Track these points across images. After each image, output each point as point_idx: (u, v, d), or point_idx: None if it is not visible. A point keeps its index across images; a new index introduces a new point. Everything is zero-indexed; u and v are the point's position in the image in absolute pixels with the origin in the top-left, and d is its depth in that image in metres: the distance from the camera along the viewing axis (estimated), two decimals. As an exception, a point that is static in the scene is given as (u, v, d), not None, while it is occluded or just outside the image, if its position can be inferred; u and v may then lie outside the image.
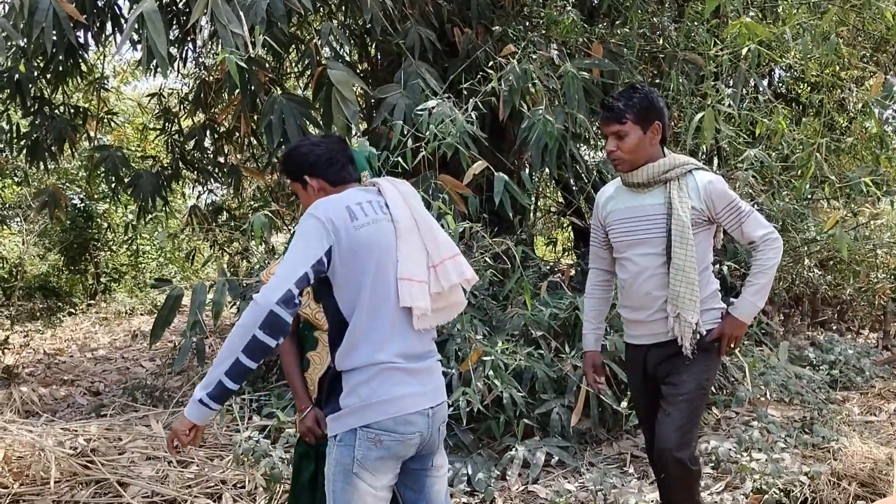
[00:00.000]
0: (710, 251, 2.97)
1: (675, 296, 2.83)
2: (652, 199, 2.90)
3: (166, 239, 8.72)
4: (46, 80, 5.97)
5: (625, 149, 2.88)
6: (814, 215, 6.29)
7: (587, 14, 5.91)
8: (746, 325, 2.93)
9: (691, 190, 2.86)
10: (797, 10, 4.90)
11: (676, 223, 2.81)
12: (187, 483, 3.90)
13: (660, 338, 2.94)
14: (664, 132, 2.93)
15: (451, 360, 4.41)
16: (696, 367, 2.90)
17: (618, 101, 2.90)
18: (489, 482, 3.98)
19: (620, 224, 2.97)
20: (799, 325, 7.81)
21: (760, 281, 2.87)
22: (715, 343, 2.93)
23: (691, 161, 2.93)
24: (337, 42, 5.47)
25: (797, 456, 4.33)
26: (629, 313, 3.03)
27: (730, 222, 2.88)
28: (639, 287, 2.93)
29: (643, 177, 2.89)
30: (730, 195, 2.88)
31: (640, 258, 2.92)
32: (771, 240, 2.87)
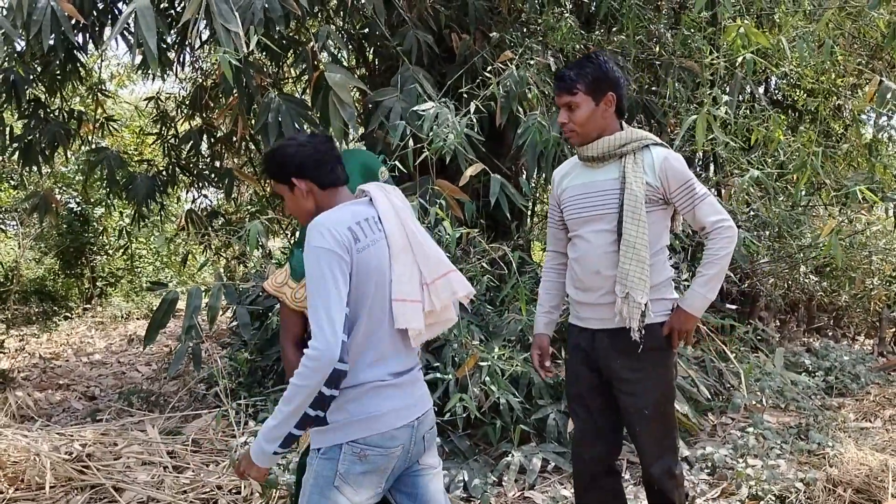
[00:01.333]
0: (665, 234, 2.82)
1: (625, 274, 2.67)
2: (606, 174, 2.78)
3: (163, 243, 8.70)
4: (43, 84, 5.97)
5: (576, 121, 2.76)
6: (810, 222, 6.31)
7: (584, 21, 5.93)
8: (697, 319, 2.77)
9: (647, 165, 2.73)
10: (793, 17, 4.91)
11: (629, 197, 2.67)
12: (183, 489, 3.89)
13: (607, 323, 2.78)
14: (620, 104, 2.79)
15: (448, 366, 4.41)
16: (654, 372, 2.78)
17: (569, 70, 2.77)
18: (485, 488, 3.98)
19: (574, 200, 2.85)
20: (795, 332, 7.83)
21: (710, 271, 2.72)
22: (667, 338, 2.78)
23: (649, 136, 2.79)
24: (335, 46, 5.48)
25: (793, 462, 4.34)
26: (577, 294, 2.88)
27: (683, 203, 2.74)
28: (588, 265, 2.79)
29: (598, 150, 2.76)
30: (686, 174, 2.74)
31: (591, 235, 2.78)
32: (723, 227, 2.71)
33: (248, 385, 5.21)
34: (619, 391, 2.83)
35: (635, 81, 5.59)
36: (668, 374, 2.84)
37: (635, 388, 2.78)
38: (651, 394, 2.78)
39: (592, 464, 2.98)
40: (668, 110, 5.41)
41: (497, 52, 5.09)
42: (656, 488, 2.86)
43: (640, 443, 2.84)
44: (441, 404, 4.27)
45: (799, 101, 7.19)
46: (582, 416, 2.98)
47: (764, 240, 6.13)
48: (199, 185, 7.40)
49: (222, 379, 4.70)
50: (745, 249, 5.58)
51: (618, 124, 2.81)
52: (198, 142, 6.69)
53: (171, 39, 5.97)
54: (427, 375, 4.32)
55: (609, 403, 2.91)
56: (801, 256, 6.54)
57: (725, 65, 4.97)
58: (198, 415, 5.01)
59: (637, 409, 2.79)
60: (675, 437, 2.90)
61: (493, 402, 4.28)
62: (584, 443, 2.99)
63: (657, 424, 2.80)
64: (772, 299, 6.99)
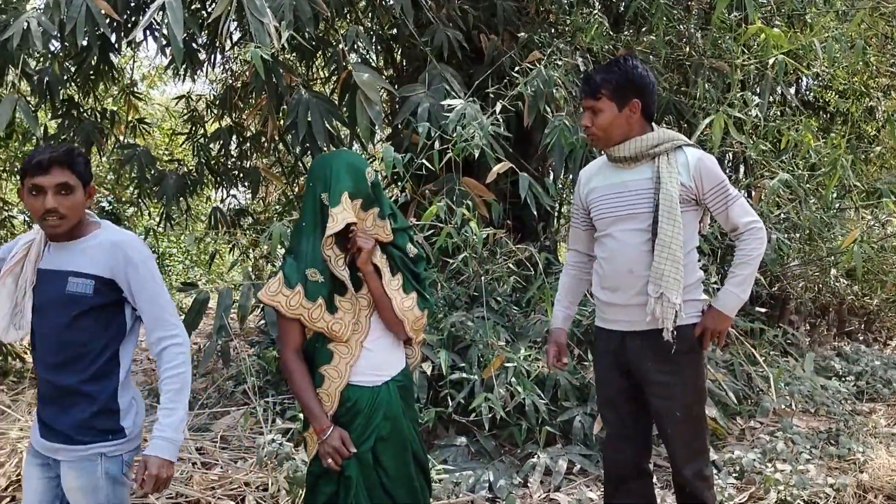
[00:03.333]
0: (695, 235, 2.80)
1: (659, 274, 2.64)
2: (638, 174, 2.75)
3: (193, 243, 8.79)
4: (76, 84, 6.06)
5: (598, 125, 2.75)
6: (841, 225, 6.22)
7: (613, 21, 5.90)
8: (731, 319, 2.76)
9: (681, 166, 2.71)
10: (825, 17, 4.86)
11: (665, 198, 2.65)
12: (211, 485, 3.93)
13: (637, 325, 2.75)
14: (647, 109, 2.76)
15: (474, 366, 4.41)
16: (685, 373, 2.76)
17: (596, 73, 2.76)
18: (511, 489, 3.98)
19: (603, 200, 2.81)
20: (825, 336, 7.74)
21: (744, 272, 2.71)
22: (699, 339, 2.76)
23: (681, 137, 2.77)
24: (363, 47, 5.51)
25: (822, 467, 4.29)
26: (606, 295, 2.84)
27: (716, 204, 2.72)
28: (620, 265, 2.76)
29: (630, 151, 2.74)
30: (720, 175, 2.72)
31: (622, 234, 2.75)
32: (756, 229, 2.71)
33: (275, 383, 5.24)
34: (650, 394, 2.81)
35: (665, 81, 5.56)
36: (700, 376, 2.82)
37: (667, 390, 2.76)
38: (683, 396, 2.77)
39: (622, 466, 2.97)
40: (697, 111, 5.37)
41: (525, 52, 5.09)
42: (687, 490, 2.84)
43: (672, 445, 2.83)
44: (466, 404, 4.27)
45: (831, 102, 7.10)
46: (612, 421, 2.98)
47: (794, 242, 6.06)
48: (227, 185, 7.47)
49: (250, 377, 4.73)
50: (775, 252, 5.52)
51: (647, 127, 2.79)
52: (227, 141, 6.76)
53: (202, 40, 6.03)
54: (453, 375, 4.33)
55: (639, 407, 2.90)
56: (832, 260, 6.46)
57: (756, 66, 4.93)
58: (226, 412, 5.05)
59: (669, 411, 2.78)
60: (705, 439, 2.89)
61: (519, 403, 4.27)
62: (614, 446, 2.99)
63: (688, 426, 2.78)
64: (802, 303, 6.91)
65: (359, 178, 2.39)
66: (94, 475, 2.28)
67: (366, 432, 2.40)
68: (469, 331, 4.57)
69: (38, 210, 2.21)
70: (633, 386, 2.87)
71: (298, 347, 2.42)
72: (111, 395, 2.31)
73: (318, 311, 2.35)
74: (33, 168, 2.20)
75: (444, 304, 4.83)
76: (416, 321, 2.46)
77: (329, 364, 2.39)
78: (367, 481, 2.38)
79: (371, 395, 2.42)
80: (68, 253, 2.29)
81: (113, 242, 2.31)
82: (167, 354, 2.34)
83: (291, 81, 4.70)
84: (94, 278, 2.26)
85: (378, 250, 2.44)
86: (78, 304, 2.24)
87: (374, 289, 2.42)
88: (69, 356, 2.25)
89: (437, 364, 4.28)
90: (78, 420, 2.26)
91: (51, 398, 2.29)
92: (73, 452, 2.27)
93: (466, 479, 4.02)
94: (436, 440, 4.48)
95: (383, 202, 2.46)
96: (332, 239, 2.34)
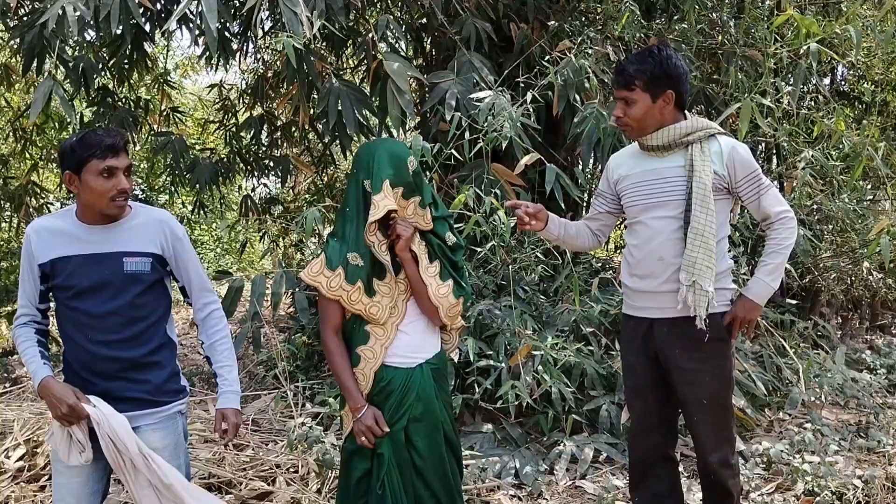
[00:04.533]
0: (726, 224, 2.80)
1: (692, 262, 2.64)
2: (670, 162, 2.76)
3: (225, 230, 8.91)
4: (111, 73, 6.15)
5: (631, 116, 2.76)
6: (874, 216, 6.14)
7: (644, 9, 5.86)
8: (761, 307, 2.76)
9: (714, 154, 2.71)
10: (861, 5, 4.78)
11: (698, 185, 2.65)
12: (242, 466, 4.01)
13: (667, 312, 2.76)
14: (681, 99, 2.77)
15: (501, 354, 4.44)
16: (713, 362, 2.76)
17: (630, 64, 2.75)
18: (537, 476, 4.00)
19: (636, 188, 2.82)
20: (857, 329, 7.65)
21: (775, 261, 2.72)
22: (727, 328, 2.77)
23: (714, 125, 2.77)
24: (393, 36, 5.53)
25: (851, 459, 4.26)
26: (635, 282, 2.85)
27: (748, 193, 2.73)
28: (651, 252, 2.77)
29: (663, 139, 2.75)
30: (752, 164, 2.74)
31: (654, 222, 2.76)
32: (787, 218, 2.73)
33: (305, 368, 5.32)
34: (677, 381, 2.82)
35: (697, 69, 5.52)
36: (728, 365, 2.83)
37: (695, 377, 2.77)
38: (710, 384, 2.77)
39: (649, 453, 3.00)
40: (729, 100, 5.33)
41: (555, 41, 5.08)
42: (713, 478, 2.85)
43: (698, 432, 2.84)
44: (493, 391, 4.30)
45: (866, 93, 7.00)
46: (638, 409, 3.00)
47: (826, 234, 6.00)
48: (258, 174, 7.55)
49: (281, 361, 4.80)
50: (807, 244, 5.47)
51: (680, 116, 2.79)
52: (258, 130, 6.83)
53: (234, 29, 6.09)
54: (480, 362, 4.36)
55: (666, 395, 2.91)
56: (864, 252, 6.38)
57: (789, 55, 4.87)
58: (257, 396, 5.14)
59: (696, 399, 2.79)
60: (732, 427, 2.90)
61: (546, 391, 4.29)
62: (641, 434, 3.01)
63: (715, 415, 2.79)
64: (833, 295, 6.83)
65: (400, 166, 2.45)
66: (177, 431, 2.50)
67: (399, 412, 2.47)
68: (496, 319, 4.59)
69: (108, 191, 2.31)
70: (661, 374, 2.88)
71: (338, 327, 2.51)
72: (173, 359, 2.51)
73: (356, 294, 2.43)
74: (106, 150, 2.30)
75: (472, 293, 4.86)
76: (450, 308, 2.52)
77: (366, 345, 2.48)
78: (399, 460, 2.45)
79: (405, 376, 2.49)
80: (114, 234, 2.39)
81: (157, 219, 2.46)
82: (213, 318, 2.57)
83: (323, 70, 4.74)
84: (150, 255, 2.40)
85: (417, 237, 2.50)
86: (139, 281, 2.38)
87: (412, 275, 2.49)
88: (135, 331, 2.39)
89: (465, 351, 4.32)
90: (154, 385, 2.43)
91: (112, 374, 2.38)
92: (157, 415, 2.45)
93: (493, 466, 4.06)
94: (463, 427, 4.52)
95: (424, 191, 2.52)
96: (375, 225, 2.41)
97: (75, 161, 2.31)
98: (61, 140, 7.82)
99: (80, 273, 2.35)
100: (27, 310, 2.45)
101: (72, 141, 2.34)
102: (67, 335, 2.41)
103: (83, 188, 2.32)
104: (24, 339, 2.44)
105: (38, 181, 7.57)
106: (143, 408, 2.43)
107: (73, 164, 2.32)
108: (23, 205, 7.13)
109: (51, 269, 2.36)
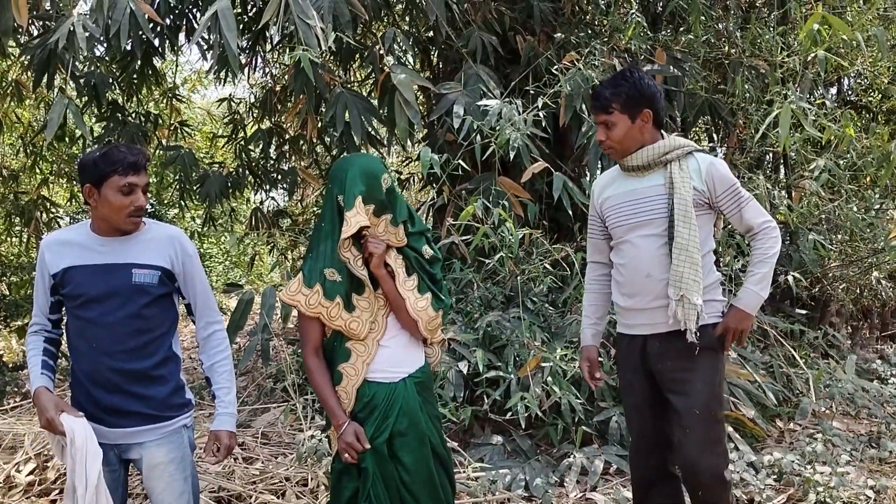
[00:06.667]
0: (710, 238, 2.85)
1: (679, 277, 2.70)
2: (651, 181, 2.82)
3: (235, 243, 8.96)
4: (121, 87, 6.20)
5: (613, 138, 2.83)
6: (883, 226, 6.12)
7: (650, 21, 5.89)
8: (752, 317, 2.81)
9: (692, 171, 2.78)
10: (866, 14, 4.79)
11: (679, 202, 2.72)
12: (252, 479, 4.01)
13: (659, 328, 2.80)
14: (657, 117, 2.84)
15: (510, 366, 4.43)
16: (704, 372, 2.78)
17: (605, 89, 2.83)
18: (547, 488, 3.99)
19: (619, 209, 2.88)
20: (867, 339, 7.61)
21: (762, 270, 2.75)
22: (720, 339, 2.79)
23: (691, 143, 2.85)
24: (400, 49, 5.56)
25: (863, 470, 4.24)
26: (625, 301, 2.89)
27: (729, 207, 2.79)
28: (638, 270, 2.81)
29: (642, 159, 2.81)
30: (730, 178, 2.80)
31: (639, 240, 2.81)
32: (770, 228, 2.77)
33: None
34: (668, 391, 2.84)
35: (703, 80, 5.53)
36: (718, 376, 2.84)
37: (685, 387, 2.78)
38: (701, 394, 2.78)
39: (651, 471, 3.00)
40: (735, 109, 5.34)
41: (561, 53, 5.10)
42: (701, 494, 2.80)
43: (689, 444, 2.79)
44: (502, 403, 4.30)
45: (873, 102, 7.00)
46: (638, 427, 3.02)
47: (835, 244, 5.98)
48: (266, 187, 7.58)
49: (290, 374, 4.81)
50: (815, 253, 5.46)
51: (658, 135, 2.86)
52: (267, 143, 6.87)
53: (243, 44, 6.14)
54: (489, 373, 4.36)
55: (663, 411, 2.91)
56: (874, 261, 6.36)
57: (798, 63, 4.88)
58: (266, 409, 5.14)
59: (687, 408, 2.79)
60: (724, 442, 2.88)
61: (555, 403, 4.29)
62: (642, 452, 3.02)
63: (707, 425, 2.78)
64: (843, 305, 6.80)
65: (373, 183, 2.44)
66: (183, 445, 2.49)
67: (381, 426, 2.45)
68: (505, 330, 4.59)
69: (126, 207, 2.35)
70: (657, 390, 2.89)
71: (318, 346, 2.51)
72: (178, 373, 2.52)
73: (336, 310, 2.43)
74: (128, 168, 2.34)
75: (480, 304, 4.86)
76: (430, 321, 2.52)
77: (347, 362, 2.47)
78: (384, 473, 2.44)
79: (388, 390, 2.48)
80: (126, 247, 2.42)
81: (169, 235, 2.49)
82: (216, 338, 2.57)
83: (331, 82, 4.76)
84: (158, 269, 2.42)
85: (394, 252, 2.50)
86: (146, 293, 2.40)
87: (388, 290, 2.49)
88: (140, 342, 2.40)
89: (474, 363, 4.32)
90: (158, 400, 2.44)
91: (116, 386, 2.39)
92: (162, 429, 2.45)
93: (503, 478, 4.05)
94: (472, 439, 4.52)
95: (397, 208, 2.50)
96: (349, 241, 2.40)
97: (97, 175, 2.34)
98: (72, 155, 7.91)
99: (88, 282, 2.38)
100: (38, 318, 2.50)
101: (95, 155, 2.37)
102: (74, 346, 2.44)
103: (101, 202, 2.35)
104: (31, 346, 2.48)
105: (49, 195, 7.62)
106: (148, 423, 2.43)
107: (93, 178, 2.35)
108: (32, 219, 7.19)
109: (61, 279, 2.40)
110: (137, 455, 2.45)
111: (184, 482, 2.46)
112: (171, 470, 2.44)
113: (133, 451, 2.45)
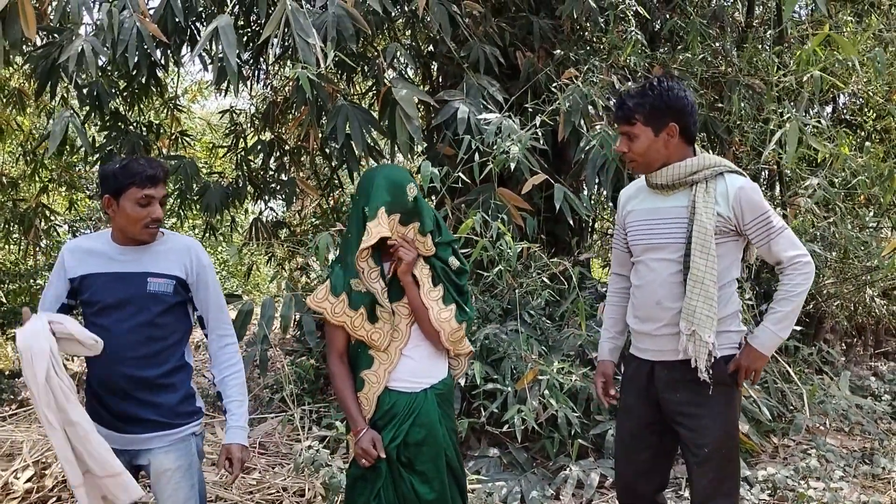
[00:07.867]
0: (735, 266, 2.66)
1: (691, 311, 2.53)
2: (674, 201, 2.64)
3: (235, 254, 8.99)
4: (124, 98, 6.23)
5: (635, 150, 2.65)
6: (877, 244, 6.17)
7: (649, 39, 5.96)
8: (767, 358, 2.61)
9: (719, 195, 2.57)
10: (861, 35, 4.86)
11: (698, 230, 2.53)
12: (249, 489, 4.03)
13: (667, 356, 2.65)
14: (688, 132, 2.65)
15: (507, 379, 4.46)
16: (717, 408, 2.61)
17: (630, 98, 2.66)
18: (543, 501, 4.01)
19: (638, 225, 2.73)
20: (861, 356, 7.65)
21: (785, 308, 2.55)
22: (732, 376, 2.62)
23: (724, 162, 2.63)
24: (401, 63, 5.60)
25: (856, 486, 4.27)
26: (637, 324, 2.76)
27: (758, 236, 2.58)
28: (649, 295, 2.67)
29: (667, 178, 2.63)
30: (761, 206, 2.57)
31: (654, 263, 2.66)
32: (801, 263, 2.55)
33: (312, 391, 5.34)
34: (678, 425, 2.69)
35: (700, 98, 5.60)
36: (732, 413, 2.68)
37: (696, 423, 2.64)
38: (712, 431, 2.62)
39: (639, 500, 2.87)
40: (732, 127, 5.39)
41: (561, 69, 5.16)
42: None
43: (697, 482, 2.67)
44: (499, 415, 4.32)
45: (868, 121, 7.07)
46: (631, 452, 2.84)
47: (830, 261, 6.03)
48: (265, 198, 7.60)
49: (288, 384, 4.83)
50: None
51: (689, 151, 2.67)
52: (267, 154, 6.90)
53: (245, 56, 6.18)
54: (486, 386, 4.38)
55: (663, 441, 2.78)
56: (868, 279, 6.41)
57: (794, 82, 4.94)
58: (263, 419, 5.15)
59: (696, 445, 2.64)
60: (735, 481, 2.71)
61: (552, 416, 4.31)
62: (631, 478, 2.85)
63: (716, 465, 2.64)
64: (837, 322, 6.85)
65: (398, 192, 2.46)
66: (190, 453, 2.52)
67: (397, 434, 2.48)
68: (502, 343, 4.62)
69: (143, 218, 2.41)
70: (659, 418, 2.74)
71: (342, 352, 2.55)
72: (189, 382, 2.55)
73: (359, 320, 2.47)
74: (146, 180, 2.39)
75: (478, 317, 4.89)
76: (452, 332, 2.53)
77: (370, 369, 2.51)
78: (396, 479, 2.48)
79: (408, 400, 2.51)
80: (143, 256, 2.47)
81: (186, 245, 2.54)
82: (227, 352, 2.62)
83: (333, 93, 4.80)
84: (173, 278, 2.47)
85: (420, 261, 2.53)
86: (160, 301, 2.45)
87: (412, 299, 2.51)
88: (153, 350, 2.44)
89: (471, 375, 4.34)
90: (167, 408, 2.47)
91: (127, 393, 2.43)
92: (170, 437, 2.49)
93: (499, 490, 4.06)
94: (468, 451, 4.53)
95: (425, 217, 2.52)
96: (367, 252, 2.43)
97: (116, 186, 2.40)
98: (71, 163, 7.93)
99: (105, 290, 2.43)
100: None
101: (115, 167, 2.42)
102: None
103: (119, 213, 2.41)
104: None
105: (48, 203, 7.64)
106: (157, 430, 2.47)
107: (112, 189, 2.41)
108: (31, 227, 7.20)
109: (79, 285, 2.45)
110: (146, 461, 2.48)
111: (190, 489, 2.49)
112: (178, 477, 2.47)
113: (142, 457, 2.48)
